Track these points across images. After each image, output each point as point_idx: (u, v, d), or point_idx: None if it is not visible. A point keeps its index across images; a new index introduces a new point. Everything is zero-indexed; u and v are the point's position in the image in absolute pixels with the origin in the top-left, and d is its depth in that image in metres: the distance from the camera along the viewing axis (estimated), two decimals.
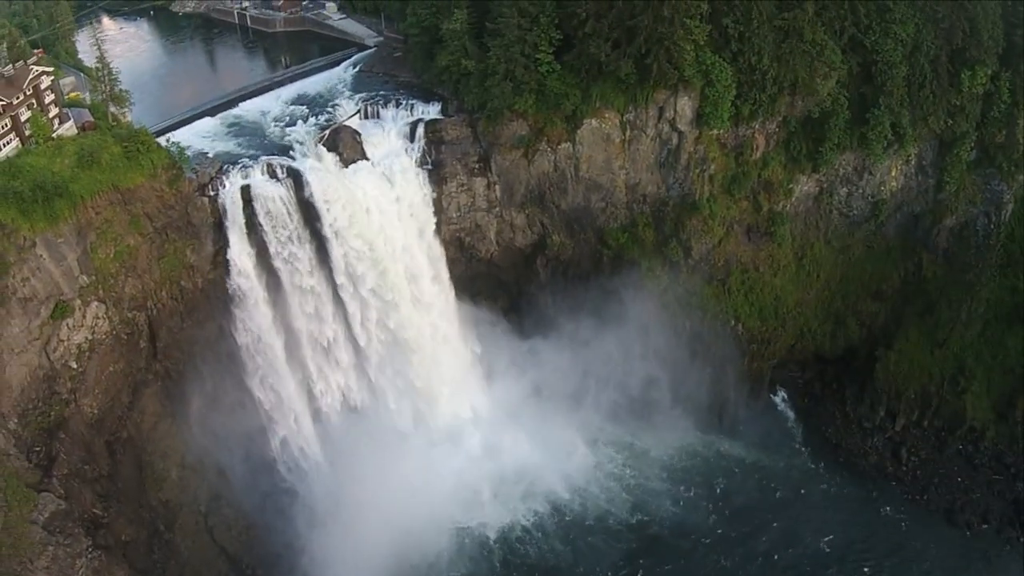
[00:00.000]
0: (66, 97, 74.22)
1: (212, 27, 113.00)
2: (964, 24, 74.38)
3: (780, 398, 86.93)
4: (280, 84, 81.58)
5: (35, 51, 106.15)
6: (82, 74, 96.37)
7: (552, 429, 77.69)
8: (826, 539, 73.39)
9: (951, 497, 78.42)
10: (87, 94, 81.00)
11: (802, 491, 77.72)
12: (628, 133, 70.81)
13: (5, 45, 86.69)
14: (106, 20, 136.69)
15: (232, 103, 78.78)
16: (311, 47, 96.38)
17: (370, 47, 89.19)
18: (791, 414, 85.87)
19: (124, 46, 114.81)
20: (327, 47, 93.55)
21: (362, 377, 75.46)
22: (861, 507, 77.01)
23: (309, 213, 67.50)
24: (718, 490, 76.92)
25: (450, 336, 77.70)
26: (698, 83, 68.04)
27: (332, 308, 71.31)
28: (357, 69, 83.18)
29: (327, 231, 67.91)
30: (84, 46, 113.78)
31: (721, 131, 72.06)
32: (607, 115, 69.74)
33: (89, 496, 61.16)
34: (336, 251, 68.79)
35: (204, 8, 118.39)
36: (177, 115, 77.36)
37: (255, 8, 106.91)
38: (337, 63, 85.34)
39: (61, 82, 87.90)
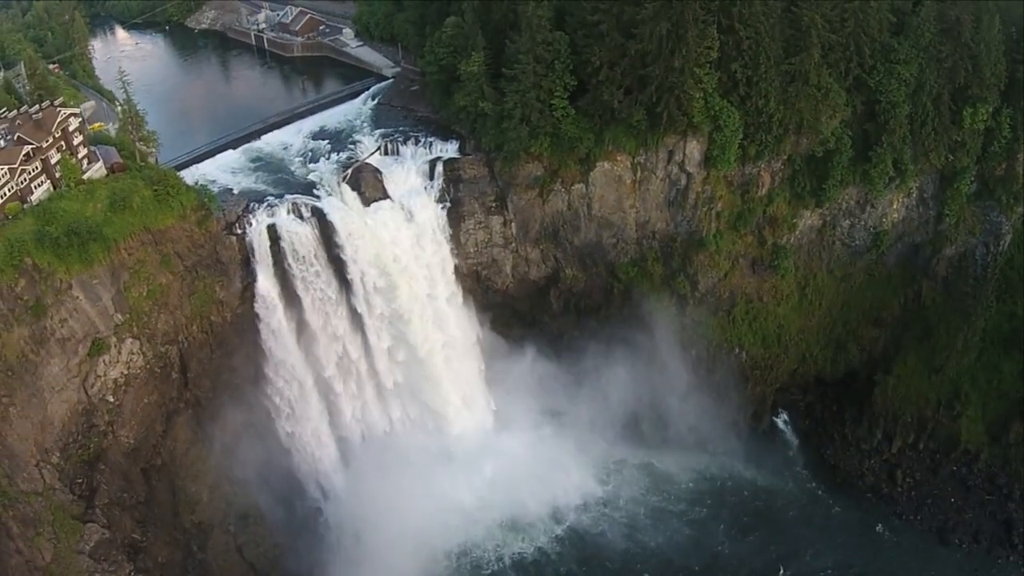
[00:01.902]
0: (90, 129, 75.67)
1: (229, 47, 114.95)
2: (967, 63, 76.18)
3: (782, 420, 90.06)
4: (301, 116, 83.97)
5: (51, 66, 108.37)
6: (103, 99, 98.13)
7: (563, 453, 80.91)
8: (827, 562, 76.44)
9: (944, 517, 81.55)
10: (111, 125, 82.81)
11: (803, 512, 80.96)
12: (639, 174, 73.50)
13: (24, 66, 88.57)
14: (121, 32, 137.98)
15: (254, 135, 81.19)
16: (329, 74, 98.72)
17: (388, 77, 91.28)
18: (792, 436, 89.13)
19: (141, 64, 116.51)
20: (345, 75, 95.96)
21: (382, 402, 78.93)
22: (858, 527, 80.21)
23: (333, 250, 70.49)
24: (726, 512, 79.95)
25: (467, 364, 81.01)
26: (706, 128, 70.52)
27: (355, 339, 74.60)
28: (376, 102, 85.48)
29: (351, 267, 71.03)
30: (100, 62, 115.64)
31: (728, 171, 74.49)
32: (619, 158, 72.41)
33: (128, 522, 64.95)
34: (359, 286, 71.98)
35: (220, 26, 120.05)
36: (202, 147, 79.71)
37: (272, 31, 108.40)
38: (356, 94, 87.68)
39: (82, 107, 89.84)
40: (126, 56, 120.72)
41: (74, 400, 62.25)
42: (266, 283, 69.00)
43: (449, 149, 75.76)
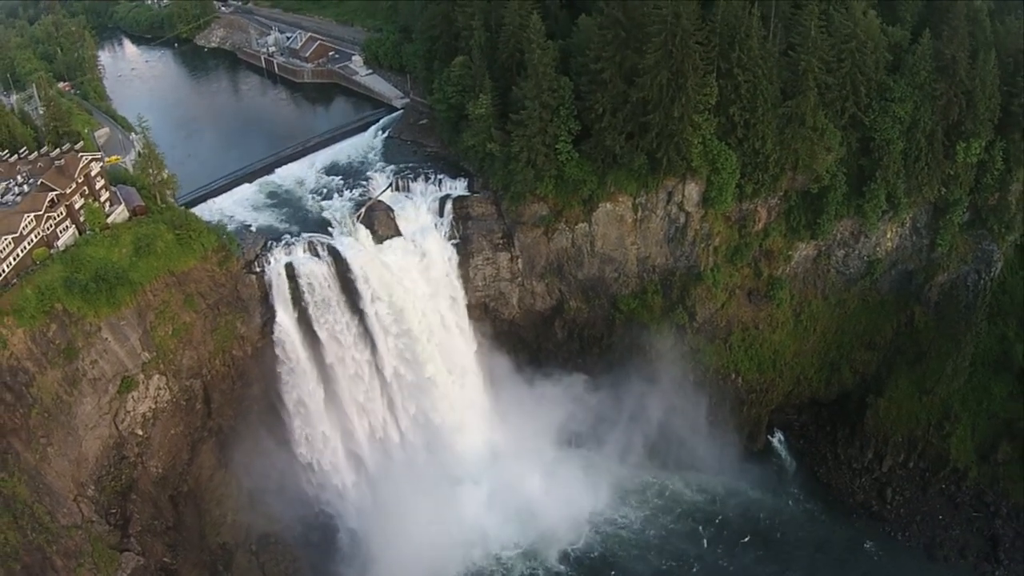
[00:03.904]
0: (107, 161, 77.53)
1: (238, 68, 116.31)
2: (961, 99, 77.75)
3: (777, 440, 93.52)
4: (314, 149, 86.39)
5: (62, 84, 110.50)
6: (117, 125, 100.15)
7: (570, 475, 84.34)
8: None
9: (932, 533, 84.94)
10: (127, 158, 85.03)
11: (799, 530, 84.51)
12: (639, 214, 76.38)
13: (36, 88, 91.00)
14: (130, 47, 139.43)
15: (269, 169, 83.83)
16: (338, 102, 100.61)
17: (397, 108, 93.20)
18: (788, 455, 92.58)
19: (153, 84, 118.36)
20: (355, 103, 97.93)
21: (397, 428, 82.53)
22: (849, 544, 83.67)
23: (349, 287, 73.63)
24: (728, 531, 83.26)
25: (477, 391, 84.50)
26: (705, 171, 73.05)
27: (370, 369, 77.98)
28: (386, 135, 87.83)
29: (365, 302, 74.25)
30: (111, 80, 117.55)
31: (725, 209, 77.03)
32: (620, 199, 75.23)
33: (160, 548, 69.14)
34: (374, 320, 75.20)
35: (230, 46, 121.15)
36: (219, 179, 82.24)
37: (282, 56, 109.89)
38: (367, 126, 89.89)
39: (96, 134, 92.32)
40: (137, 75, 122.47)
41: (106, 435, 66.06)
42: (285, 319, 72.42)
43: (458, 187, 78.49)
